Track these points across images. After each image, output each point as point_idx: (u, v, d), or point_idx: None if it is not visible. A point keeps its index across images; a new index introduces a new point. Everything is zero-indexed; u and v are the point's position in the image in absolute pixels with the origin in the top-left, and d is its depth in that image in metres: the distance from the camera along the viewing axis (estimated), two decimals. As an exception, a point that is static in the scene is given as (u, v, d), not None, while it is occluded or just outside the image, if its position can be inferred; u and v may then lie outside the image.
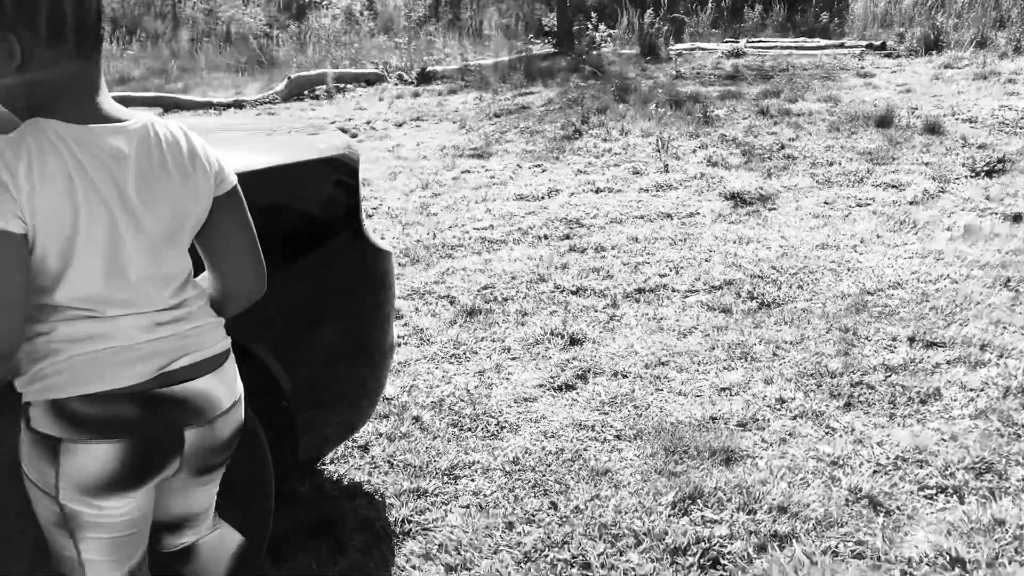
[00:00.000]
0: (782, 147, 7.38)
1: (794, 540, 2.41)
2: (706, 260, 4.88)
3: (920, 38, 11.84)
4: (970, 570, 2.24)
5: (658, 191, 6.43)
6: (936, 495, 2.60)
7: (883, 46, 12.14)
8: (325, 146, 2.62)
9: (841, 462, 2.80)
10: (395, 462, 3.05)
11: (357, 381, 2.67)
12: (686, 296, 4.41)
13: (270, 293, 2.35)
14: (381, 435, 3.23)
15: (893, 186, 6.06)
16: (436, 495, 2.84)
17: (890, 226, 5.26)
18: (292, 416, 2.45)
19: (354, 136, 9.33)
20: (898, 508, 2.54)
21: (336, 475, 3.00)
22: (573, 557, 2.45)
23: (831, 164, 6.77)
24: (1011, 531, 2.36)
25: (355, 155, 2.65)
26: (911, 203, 5.63)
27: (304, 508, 2.77)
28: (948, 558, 2.28)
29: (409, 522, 2.70)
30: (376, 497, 2.86)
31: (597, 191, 6.54)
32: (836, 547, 2.38)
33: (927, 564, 2.27)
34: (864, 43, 12.52)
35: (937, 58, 10.98)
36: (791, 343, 3.75)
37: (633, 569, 2.36)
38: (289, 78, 12.02)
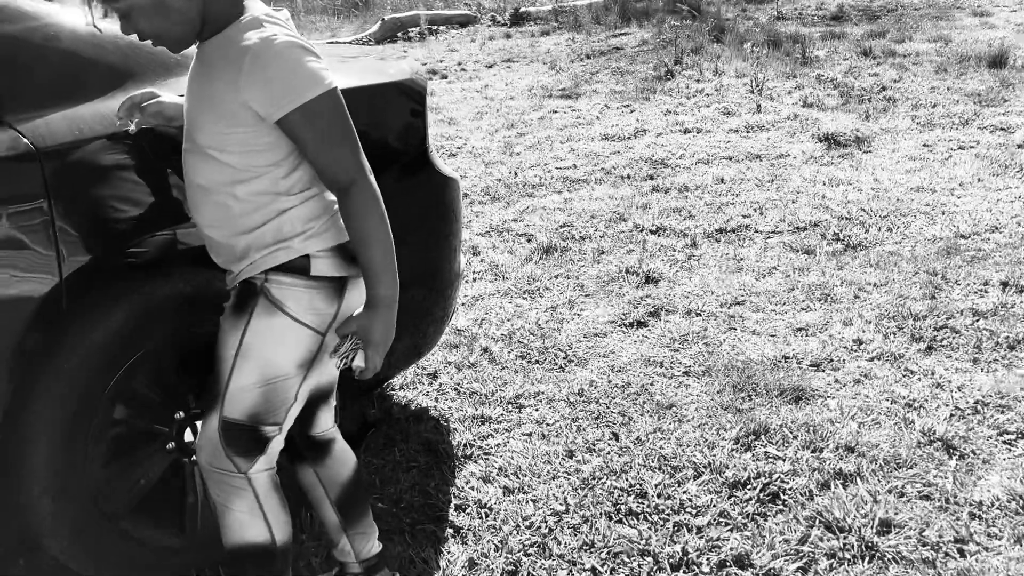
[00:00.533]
0: (883, 88, 7.06)
1: (858, 479, 2.34)
2: (792, 201, 4.73)
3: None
4: (1045, 516, 2.14)
5: (748, 132, 6.24)
6: (1016, 440, 2.48)
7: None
8: (394, 71, 2.62)
9: (917, 405, 2.70)
10: (462, 390, 3.09)
11: (423, 307, 2.69)
12: (768, 237, 4.29)
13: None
14: (450, 364, 3.27)
15: (1001, 129, 5.74)
16: (499, 422, 2.86)
17: (993, 169, 4.98)
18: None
19: (444, 77, 9.33)
20: (973, 452, 2.44)
21: (404, 400, 3.05)
22: (630, 486, 2.44)
23: (934, 106, 6.45)
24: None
25: (423, 81, 2.65)
26: (1019, 146, 5.32)
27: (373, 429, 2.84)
28: (1022, 502, 2.19)
29: (471, 446, 2.73)
30: (441, 422, 2.90)
31: (685, 131, 6.40)
32: (902, 487, 2.31)
33: (998, 508, 2.19)
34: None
35: (1064, -4, 10.28)
36: (874, 285, 3.61)
37: (690, 500, 2.34)
38: (383, 20, 12.06)
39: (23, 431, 1.97)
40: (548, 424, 2.83)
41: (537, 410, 2.92)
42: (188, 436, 2.21)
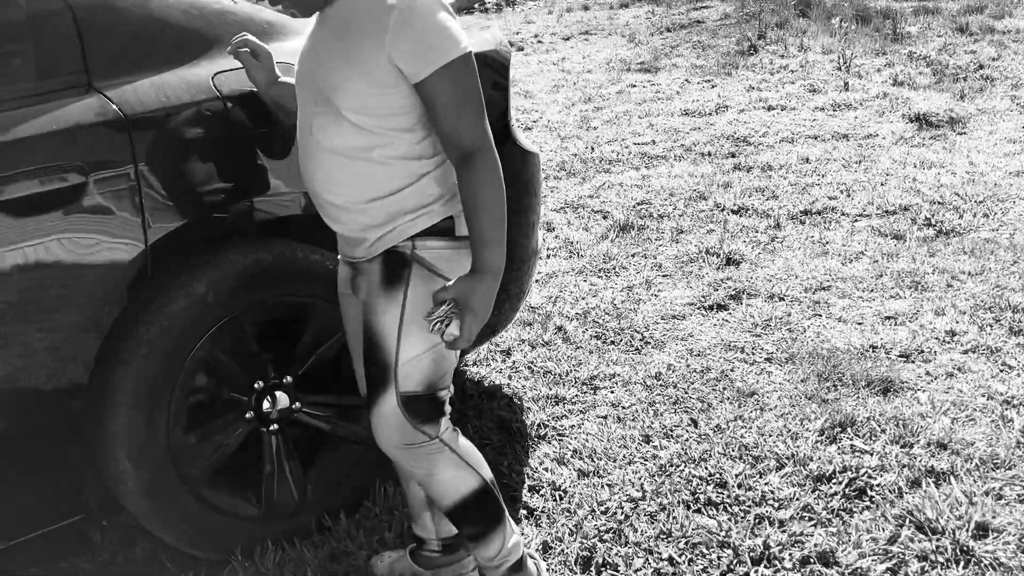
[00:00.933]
0: (980, 67, 6.75)
1: (952, 478, 2.24)
2: (882, 184, 4.55)
3: None
4: None
5: (835, 110, 6.03)
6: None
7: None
8: (477, 41, 2.56)
9: (1016, 402, 2.57)
10: (535, 368, 3.04)
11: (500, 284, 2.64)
12: (856, 220, 4.13)
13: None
14: (524, 341, 3.22)
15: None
16: (573, 403, 2.81)
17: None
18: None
19: (520, 49, 9.23)
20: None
21: (478, 376, 3.02)
22: (710, 474, 2.37)
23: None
24: None
25: (507, 52, 2.58)
26: None
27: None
28: None
29: (544, 426, 2.69)
30: (514, 400, 2.86)
31: (769, 108, 6.21)
32: (1000, 489, 2.19)
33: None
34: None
35: None
36: (969, 274, 3.45)
37: (772, 492, 2.26)
38: (460, -10, 11.99)
39: (107, 396, 1.99)
40: (624, 407, 2.77)
41: (613, 392, 2.86)
42: (267, 406, 2.21)
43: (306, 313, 2.24)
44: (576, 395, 2.85)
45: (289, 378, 2.25)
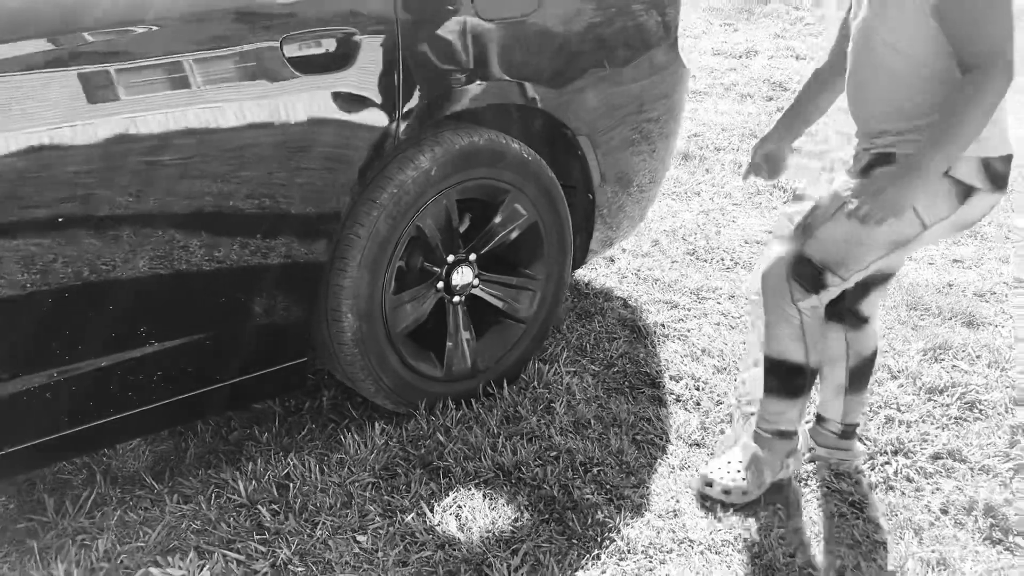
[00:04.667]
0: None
1: (1050, 400, 2.56)
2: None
3: None
4: None
5: (860, 67, 6.30)
6: None
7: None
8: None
9: (1087, 342, 2.91)
10: (641, 276, 3.26)
11: (642, 192, 2.84)
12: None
13: (599, 90, 2.51)
14: (625, 251, 3.44)
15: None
16: (688, 309, 3.05)
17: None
18: (593, 209, 2.66)
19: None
20: None
21: (587, 279, 3.23)
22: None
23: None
24: None
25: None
26: None
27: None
28: None
29: (667, 327, 2.93)
30: (630, 302, 3.09)
31: (797, 58, 6.45)
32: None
33: None
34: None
35: None
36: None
37: (895, 398, 2.55)
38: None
39: (343, 252, 2.14)
40: (735, 317, 3.02)
41: (719, 304, 3.11)
42: (455, 279, 2.38)
43: (498, 198, 2.41)
44: (688, 303, 3.09)
45: (474, 256, 2.43)
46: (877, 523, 2.12)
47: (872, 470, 2.28)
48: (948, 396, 2.57)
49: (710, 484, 2.13)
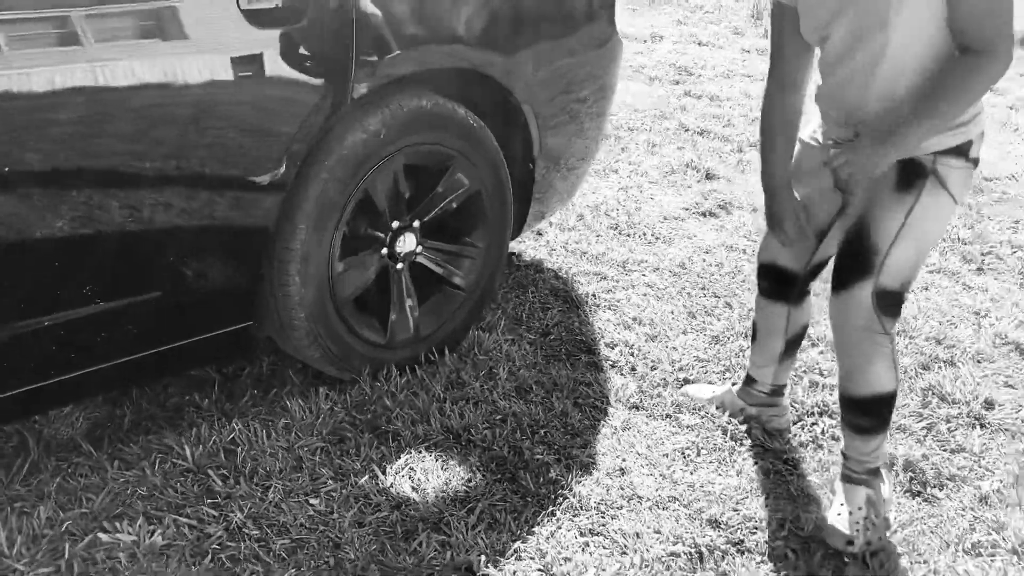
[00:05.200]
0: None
1: (955, 365, 2.74)
2: (820, 126, 5.07)
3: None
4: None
5: (761, 54, 6.53)
6: (1068, 352, 2.93)
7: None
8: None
9: (983, 313, 3.12)
10: (570, 249, 3.32)
11: (577, 165, 2.89)
12: (807, 155, 4.63)
13: (543, 59, 2.53)
14: (552, 225, 3.49)
15: (998, 95, 6.21)
16: (616, 280, 3.13)
17: (996, 128, 5.46)
18: (532, 179, 2.69)
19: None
20: (1037, 356, 2.88)
21: (518, 251, 3.27)
22: (757, 347, 2.77)
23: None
24: None
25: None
26: (1009, 107, 5.81)
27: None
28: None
29: (597, 297, 2.99)
30: (561, 274, 3.14)
31: (700, 44, 6.64)
32: (992, 377, 2.72)
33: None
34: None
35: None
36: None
37: (817, 363, 2.68)
38: None
39: (291, 215, 2.11)
40: (660, 288, 3.11)
41: (645, 276, 3.19)
42: (399, 246, 2.38)
43: (443, 164, 2.42)
44: (615, 274, 3.17)
45: (417, 222, 2.43)
46: (809, 479, 2.24)
47: (802, 430, 2.41)
48: (864, 362, 2.72)
49: (851, 543, 2.00)
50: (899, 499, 2.20)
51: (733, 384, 2.47)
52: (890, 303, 1.95)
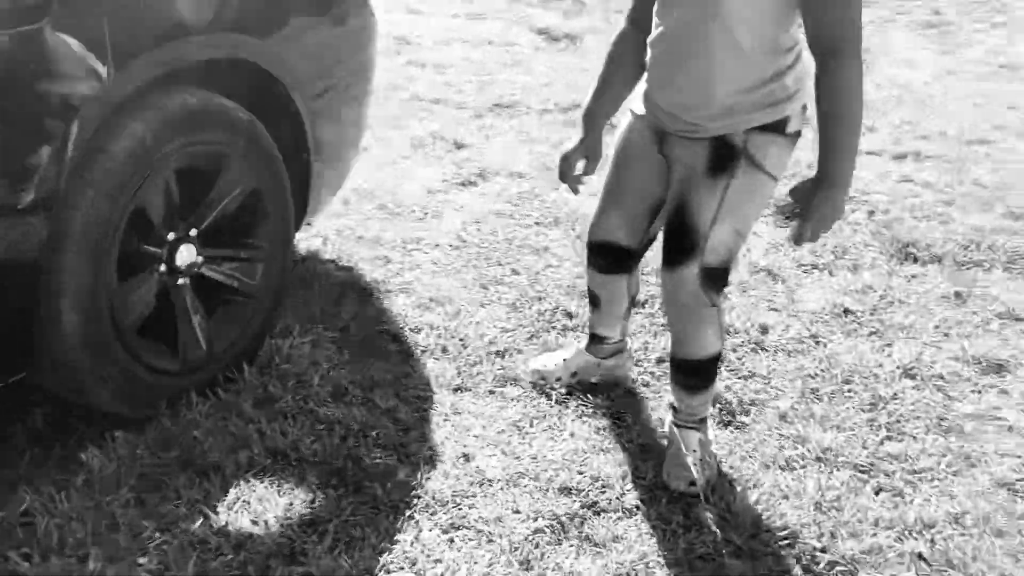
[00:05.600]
0: (570, -7, 7.79)
1: (727, 296, 2.96)
2: (546, 85, 5.22)
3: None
4: (858, 318, 2.92)
5: (470, 19, 6.61)
6: (811, 270, 3.25)
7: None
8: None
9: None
10: (344, 235, 3.19)
11: (349, 151, 2.76)
12: (542, 114, 4.76)
13: (303, 45, 2.37)
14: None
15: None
16: (400, 263, 3.04)
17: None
18: (309, 171, 2.53)
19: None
20: (788, 278, 3.16)
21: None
22: (553, 308, 2.81)
23: (620, 12, 7.31)
24: (880, 293, 3.08)
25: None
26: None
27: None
28: (840, 309, 2.95)
29: (387, 282, 2.90)
30: (342, 263, 3.00)
31: (410, 11, 6.59)
32: (758, 304, 2.96)
33: (825, 314, 2.92)
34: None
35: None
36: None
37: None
38: None
39: (57, 241, 1.83)
40: (446, 264, 3.07)
41: (427, 253, 3.14)
42: (179, 259, 2.15)
43: (216, 165, 2.20)
44: (398, 256, 3.08)
45: (195, 231, 2.20)
46: (636, 430, 2.31)
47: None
48: (650, 308, 2.86)
49: (694, 484, 2.08)
50: (716, 432, 2.33)
51: (581, 343, 2.48)
52: (715, 278, 2.00)
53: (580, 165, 2.24)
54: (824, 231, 1.87)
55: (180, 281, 2.18)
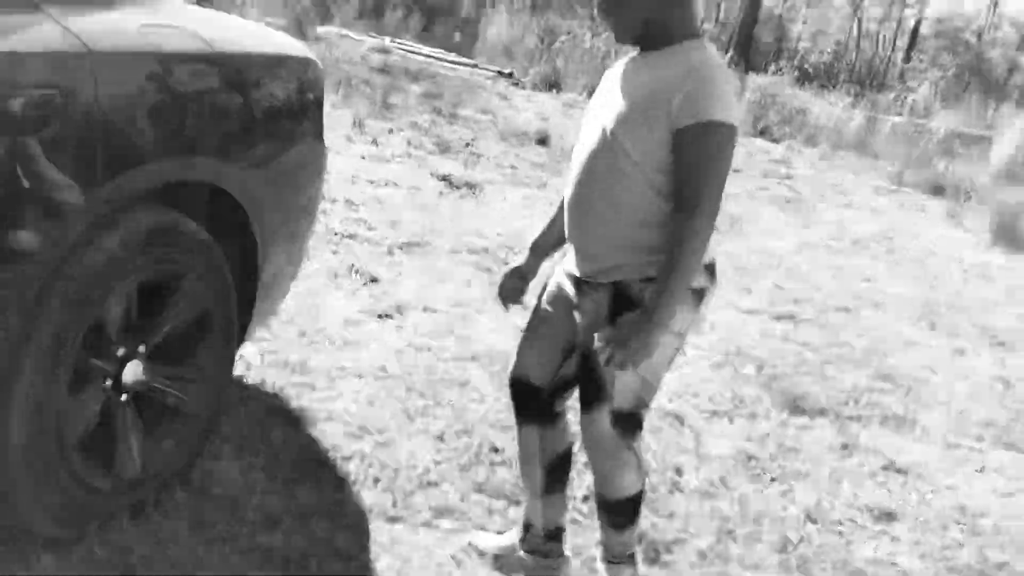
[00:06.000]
0: (468, 144, 8.17)
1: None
2: (452, 228, 5.41)
3: (543, 76, 13.44)
4: (761, 463, 3.10)
5: (375, 161, 6.82)
6: (711, 417, 3.45)
7: (511, 75, 13.38)
8: (300, 46, 2.75)
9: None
10: (266, 361, 3.18)
11: (289, 277, 2.81)
12: (452, 254, 4.92)
13: (269, 172, 2.47)
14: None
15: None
16: (327, 390, 3.05)
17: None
18: (256, 293, 2.56)
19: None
20: (696, 423, 3.34)
21: (211, 367, 3.05)
22: (479, 443, 2.87)
23: (514, 167, 7.70)
24: (777, 441, 3.28)
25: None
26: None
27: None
28: (744, 455, 3.13)
29: (315, 409, 2.90)
30: (267, 388, 2.99)
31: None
32: (668, 446, 3.11)
33: (731, 459, 3.09)
34: (495, 69, 13.72)
35: (561, 95, 12.60)
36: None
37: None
38: None
39: (15, 351, 1.79)
40: (371, 393, 3.10)
41: (351, 382, 3.16)
42: (126, 375, 2.12)
43: (177, 283, 2.22)
44: (323, 383, 3.09)
45: (143, 347, 2.19)
46: (574, 563, 2.37)
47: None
48: (574, 445, 2.96)
49: None
50: (644, 569, 2.41)
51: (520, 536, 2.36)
52: (627, 422, 2.05)
53: (515, 284, 2.31)
54: (629, 360, 1.88)
55: (123, 397, 2.14)
